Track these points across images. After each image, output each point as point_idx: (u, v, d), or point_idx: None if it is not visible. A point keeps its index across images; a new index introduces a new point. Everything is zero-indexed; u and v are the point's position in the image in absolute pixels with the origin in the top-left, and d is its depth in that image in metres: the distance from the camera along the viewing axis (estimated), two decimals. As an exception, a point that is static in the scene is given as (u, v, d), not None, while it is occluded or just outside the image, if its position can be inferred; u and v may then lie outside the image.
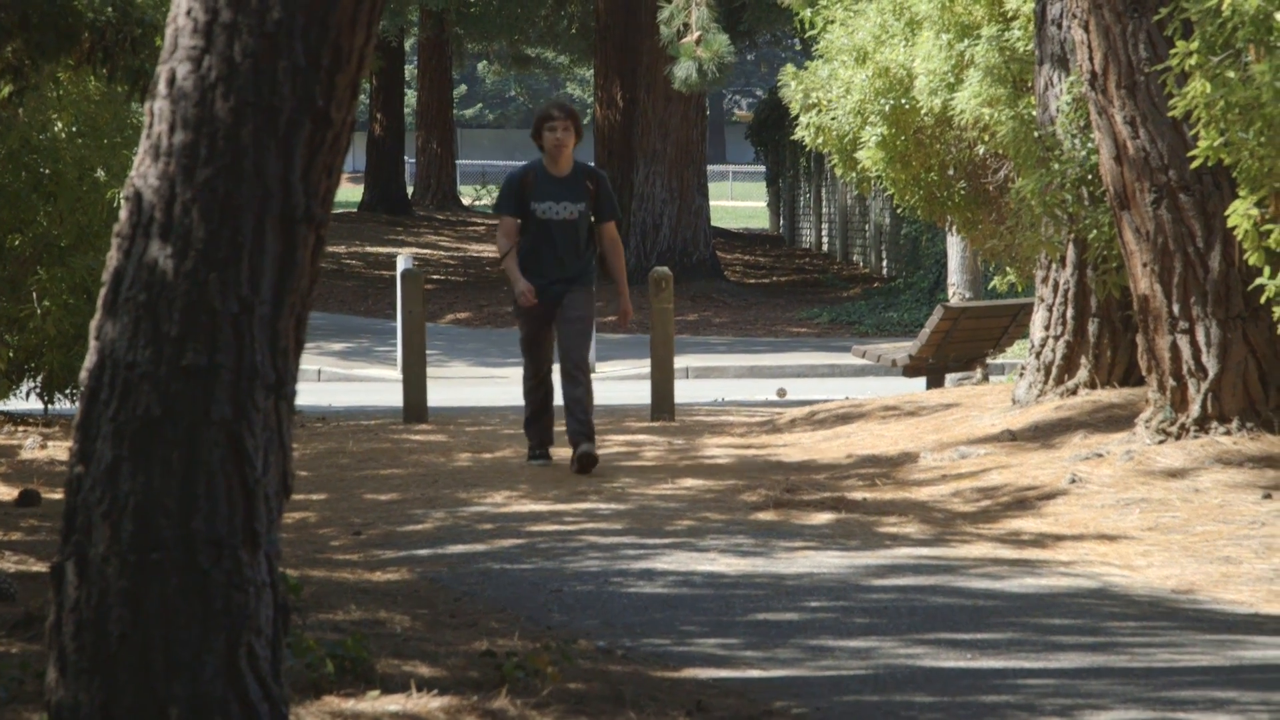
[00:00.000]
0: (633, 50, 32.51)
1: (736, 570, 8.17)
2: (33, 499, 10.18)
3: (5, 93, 10.96)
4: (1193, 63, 8.94)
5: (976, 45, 13.91)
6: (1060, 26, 12.37)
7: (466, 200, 52.42)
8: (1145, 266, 10.59)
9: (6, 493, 10.61)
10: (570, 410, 11.43)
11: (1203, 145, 9.03)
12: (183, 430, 4.43)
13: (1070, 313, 12.50)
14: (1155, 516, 9.31)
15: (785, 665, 6.28)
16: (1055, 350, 12.57)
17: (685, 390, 19.25)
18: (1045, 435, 11.52)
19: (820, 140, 15.53)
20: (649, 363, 15.51)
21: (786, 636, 6.74)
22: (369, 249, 37.87)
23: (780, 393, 19.33)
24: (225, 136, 4.49)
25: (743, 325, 28.43)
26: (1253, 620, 7.14)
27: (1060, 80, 12.31)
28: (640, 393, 17.40)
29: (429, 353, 18.23)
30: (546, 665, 5.68)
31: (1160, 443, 10.45)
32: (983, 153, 14.69)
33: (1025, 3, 13.66)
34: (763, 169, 48.90)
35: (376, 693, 5.43)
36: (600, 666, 6.11)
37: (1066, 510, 9.67)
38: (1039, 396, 12.54)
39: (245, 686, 4.41)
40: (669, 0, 25.21)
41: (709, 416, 15.46)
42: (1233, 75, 8.80)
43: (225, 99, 4.50)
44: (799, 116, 15.66)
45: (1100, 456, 10.54)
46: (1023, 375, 12.88)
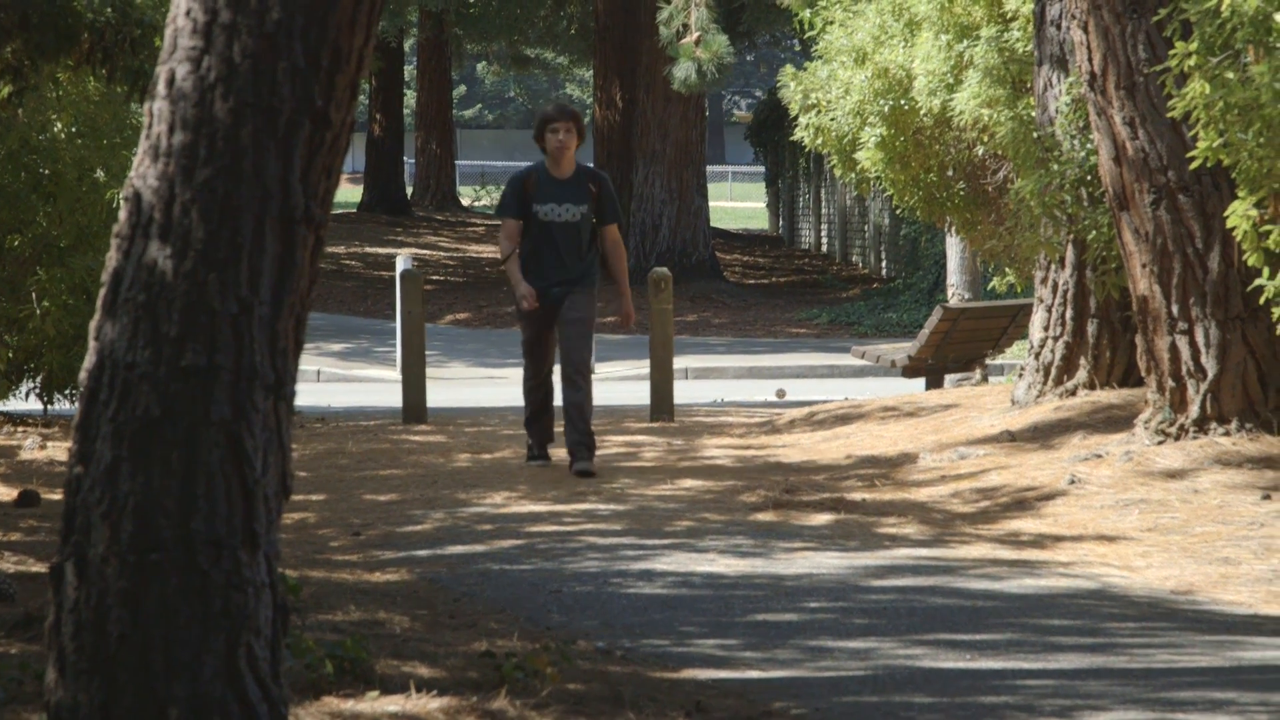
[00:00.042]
0: (632, 51, 32.50)
1: (735, 571, 8.16)
2: (32, 499, 10.18)
3: (5, 93, 10.95)
4: (1192, 64, 8.94)
5: (976, 46, 13.91)
6: (1059, 27, 12.37)
7: (466, 201, 52.41)
8: (1144, 267, 10.59)
9: (6, 493, 10.61)
10: (569, 418, 11.38)
11: (1202, 146, 9.03)
12: (182, 431, 4.43)
13: (1069, 313, 12.50)
14: (1154, 517, 9.31)
15: (784, 666, 6.28)
16: (1054, 351, 12.57)
17: (684, 391, 19.25)
18: (1044, 436, 11.52)
19: (819, 141, 15.53)
20: (648, 363, 15.51)
21: (785, 637, 6.73)
22: (368, 249, 37.87)
23: (779, 393, 19.33)
24: (224, 137, 4.50)
25: (742, 326, 28.43)
26: (1252, 621, 7.14)
27: (1059, 81, 12.31)
28: (639, 393, 17.40)
29: (428, 353, 18.23)
30: (546, 666, 5.68)
31: (1159, 444, 10.45)
32: (982, 153, 14.68)
33: (1024, 3, 13.66)
34: (762, 170, 48.89)
35: (376, 693, 5.43)
36: (599, 667, 6.11)
37: (1065, 511, 9.67)
38: (1038, 397, 12.54)
39: (244, 687, 4.42)
40: (668, 1, 25.22)
41: (708, 417, 15.46)
42: (1232, 76, 8.81)
43: (224, 99, 4.50)
44: (798, 117, 15.66)
45: (1099, 457, 10.54)
46: (1022, 376, 12.88)
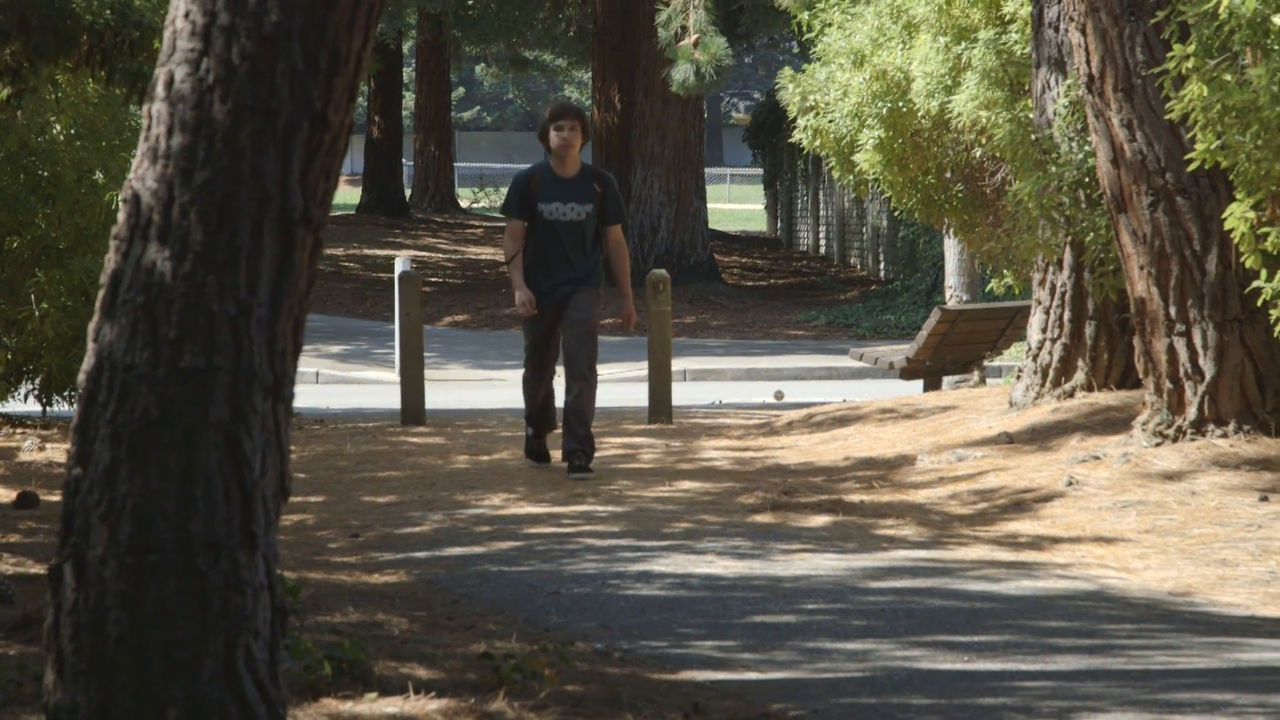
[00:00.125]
0: (630, 53, 32.51)
1: (734, 572, 8.16)
2: (31, 501, 10.19)
3: (4, 95, 10.96)
4: (1190, 66, 8.95)
5: (974, 48, 13.91)
6: (1057, 30, 12.38)
7: (464, 203, 52.44)
8: (1142, 269, 10.60)
9: (5, 495, 10.61)
10: (569, 421, 11.34)
11: (1200, 148, 9.04)
12: (180, 432, 4.44)
13: (1067, 315, 12.51)
14: (1152, 519, 9.31)
15: (782, 667, 6.28)
16: (1052, 353, 12.57)
17: (683, 393, 19.26)
18: (1042, 438, 11.53)
19: (818, 143, 15.54)
20: (646, 365, 15.51)
21: (784, 639, 6.74)
22: (367, 251, 37.86)
23: (778, 395, 19.33)
24: (223, 139, 4.50)
25: (740, 328, 28.44)
26: (1249, 623, 7.14)
27: (1057, 83, 12.31)
28: (638, 395, 17.40)
29: (427, 355, 18.23)
30: (544, 667, 5.68)
31: (1157, 445, 10.46)
32: (980, 155, 14.69)
33: (1022, 6, 13.66)
34: (760, 172, 48.88)
35: (374, 695, 5.43)
36: (598, 669, 6.11)
37: (1063, 513, 9.67)
38: (1036, 399, 12.54)
39: (243, 688, 4.42)
40: (667, 3, 25.21)
41: (706, 419, 15.47)
42: (1229, 78, 8.81)
43: (223, 102, 4.50)
44: (796, 119, 15.67)
45: (1097, 459, 10.55)
46: (1020, 378, 12.88)
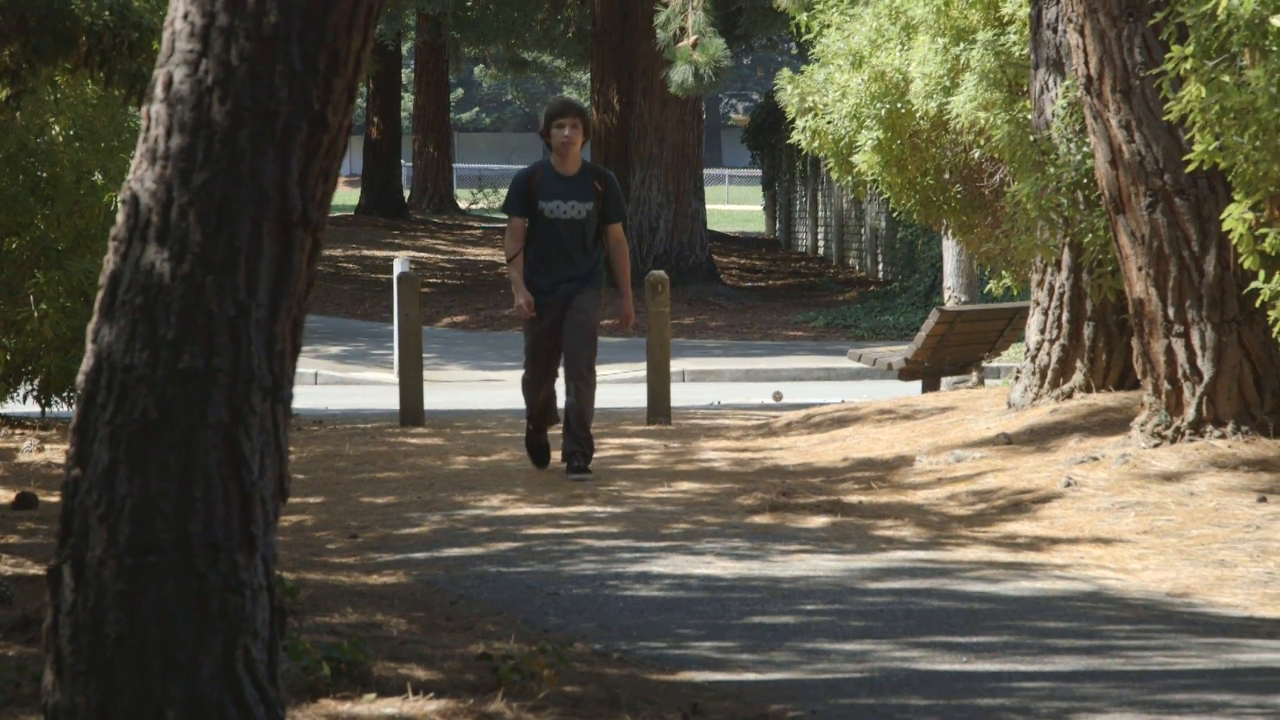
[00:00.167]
0: (629, 54, 32.51)
1: (732, 573, 8.17)
2: (30, 502, 10.19)
3: (3, 96, 10.96)
4: (1188, 67, 8.95)
5: (972, 49, 13.92)
6: (1056, 31, 12.38)
7: (463, 204, 52.43)
8: (1140, 270, 10.60)
9: (4, 496, 10.61)
10: (568, 423, 11.32)
11: (1198, 149, 9.04)
12: (179, 433, 4.44)
13: (1066, 316, 12.51)
14: (1150, 520, 9.32)
15: (781, 668, 6.28)
16: (1051, 354, 12.58)
17: (681, 393, 19.27)
18: (1040, 439, 11.53)
19: (816, 144, 15.54)
20: (645, 366, 15.52)
21: (782, 639, 6.74)
22: (366, 252, 37.86)
23: (776, 396, 19.34)
24: (222, 140, 4.50)
25: (739, 328, 28.44)
26: (1247, 623, 7.15)
27: (1056, 84, 12.32)
28: (637, 396, 17.40)
29: (425, 356, 18.24)
30: (543, 668, 5.68)
31: (1155, 446, 10.46)
32: (978, 156, 14.70)
33: (1021, 7, 13.67)
34: (759, 173, 48.90)
35: (373, 695, 5.43)
36: (596, 669, 6.12)
37: (1062, 513, 9.68)
38: (1034, 400, 12.55)
39: (241, 689, 4.42)
40: (665, 4, 25.22)
41: (705, 420, 15.47)
42: (1228, 79, 8.82)
43: (222, 103, 4.50)
44: (795, 120, 15.67)
45: (1095, 460, 10.55)
46: (1018, 379, 12.89)
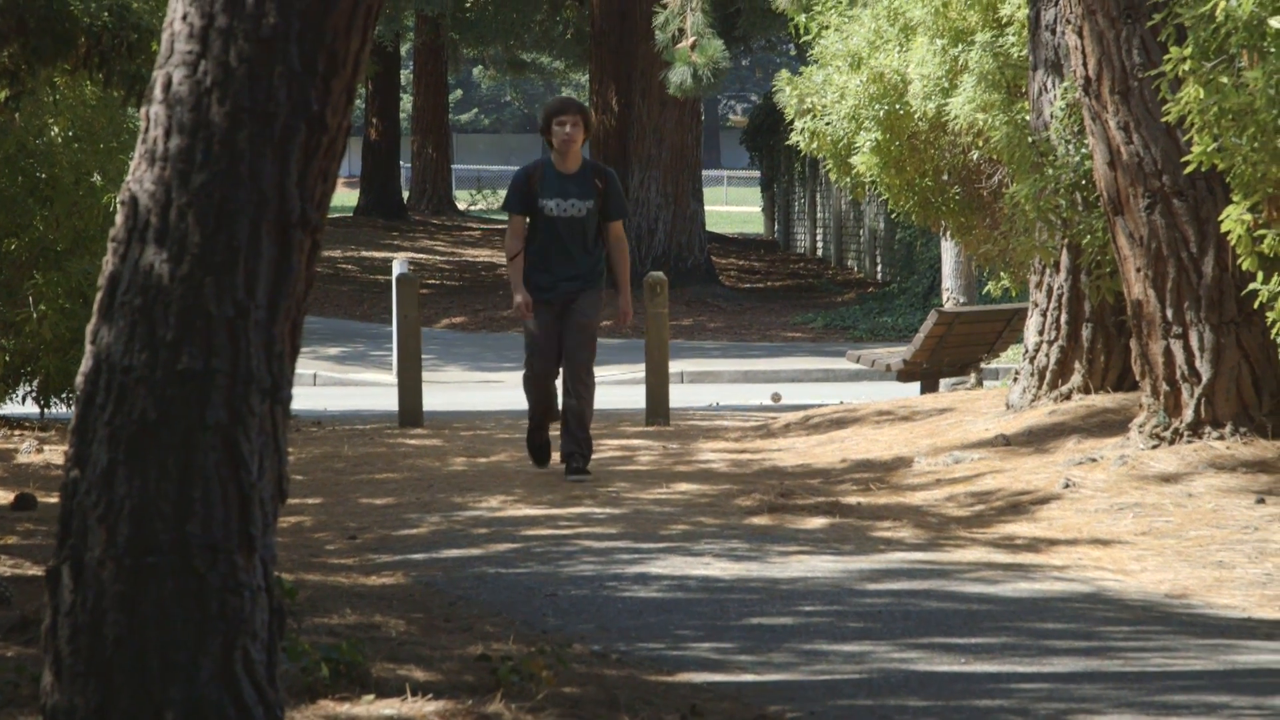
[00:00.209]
0: (628, 55, 32.52)
1: (731, 574, 8.17)
2: (28, 503, 10.19)
3: (2, 97, 10.96)
4: (1186, 68, 8.96)
5: (971, 51, 13.92)
6: (1054, 32, 12.39)
7: (462, 205, 52.43)
8: (1139, 271, 10.61)
9: (2, 497, 10.61)
10: (567, 424, 11.31)
11: (1196, 151, 9.05)
12: (178, 434, 4.44)
13: (1064, 318, 12.51)
14: (1149, 521, 9.32)
15: (779, 669, 6.28)
16: (1049, 355, 12.58)
17: (680, 395, 19.27)
18: (1039, 440, 11.53)
19: (815, 145, 15.54)
20: (644, 367, 15.52)
21: (781, 641, 6.74)
22: (365, 253, 37.86)
23: (775, 397, 19.34)
24: (221, 141, 4.50)
25: (737, 330, 28.45)
26: (1246, 625, 7.15)
27: (1054, 86, 12.32)
28: (635, 397, 17.40)
29: (424, 357, 18.23)
30: (541, 669, 5.68)
31: (1154, 447, 10.46)
32: (977, 158, 14.70)
33: (1019, 8, 13.67)
34: (757, 174, 48.90)
35: (371, 696, 5.43)
36: (595, 670, 6.12)
37: (1060, 515, 9.68)
38: (1033, 401, 12.55)
39: (240, 690, 4.42)
40: (664, 5, 25.23)
41: (704, 421, 15.47)
42: (1226, 81, 8.82)
43: (221, 104, 4.50)
44: (794, 121, 15.67)
45: (1094, 461, 10.55)
46: (1017, 380, 12.89)
